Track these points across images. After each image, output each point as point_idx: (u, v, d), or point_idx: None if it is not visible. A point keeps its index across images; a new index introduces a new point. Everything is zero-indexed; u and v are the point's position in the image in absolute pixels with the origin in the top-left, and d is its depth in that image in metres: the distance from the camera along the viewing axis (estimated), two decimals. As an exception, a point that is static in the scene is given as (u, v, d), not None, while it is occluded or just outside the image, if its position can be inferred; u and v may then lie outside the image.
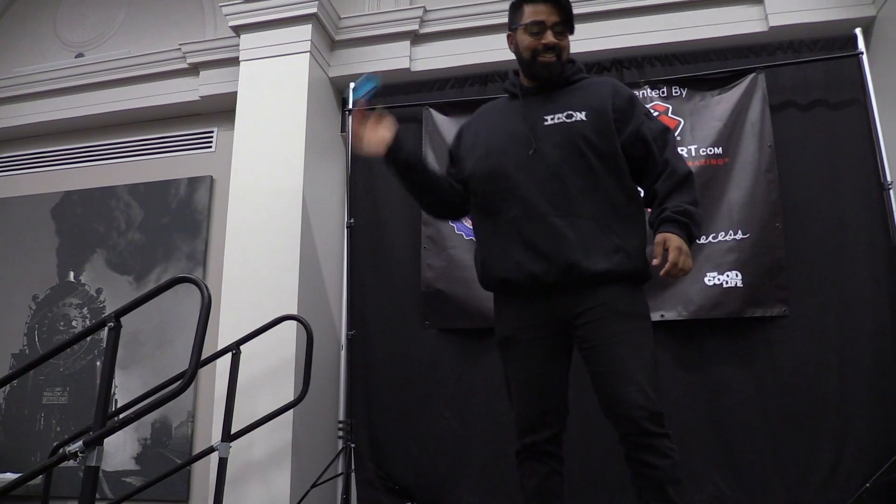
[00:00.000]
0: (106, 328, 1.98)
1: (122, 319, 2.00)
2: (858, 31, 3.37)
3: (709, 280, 3.23)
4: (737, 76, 3.41)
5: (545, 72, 1.90)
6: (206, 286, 1.94)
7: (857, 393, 3.10)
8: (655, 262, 1.75)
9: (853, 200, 3.28)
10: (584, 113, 1.85)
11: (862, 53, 3.32)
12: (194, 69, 4.23)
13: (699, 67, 3.50)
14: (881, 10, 3.46)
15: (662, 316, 3.19)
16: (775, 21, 3.56)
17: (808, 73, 3.43)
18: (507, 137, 1.91)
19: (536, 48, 1.88)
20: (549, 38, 1.88)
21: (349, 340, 3.49)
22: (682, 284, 3.21)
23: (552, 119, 1.87)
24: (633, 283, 1.84)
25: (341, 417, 3.44)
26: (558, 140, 1.84)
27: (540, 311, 1.81)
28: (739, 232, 3.25)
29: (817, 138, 3.37)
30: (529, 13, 1.90)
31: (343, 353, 3.50)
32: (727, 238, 3.25)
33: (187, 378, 1.80)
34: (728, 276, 3.22)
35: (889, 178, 3.17)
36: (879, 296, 3.16)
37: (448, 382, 3.43)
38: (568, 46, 1.93)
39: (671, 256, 1.71)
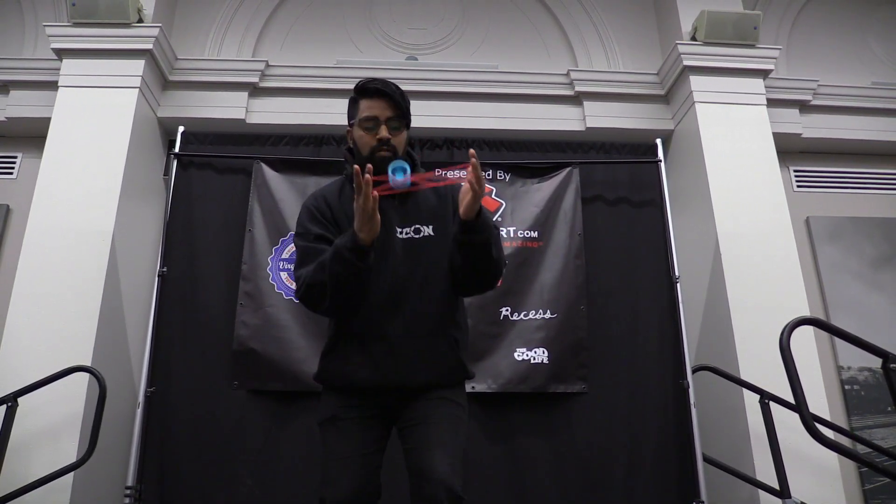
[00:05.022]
0: None
1: None
2: (659, 141, 3.99)
3: (518, 355, 3.55)
4: (555, 168, 3.89)
5: (382, 167, 1.90)
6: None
7: (642, 468, 3.52)
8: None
9: (647, 290, 3.80)
10: (431, 227, 1.96)
11: (661, 161, 3.93)
12: (4, 87, 4.06)
13: (522, 156, 3.95)
14: (678, 125, 4.14)
15: (473, 388, 3.43)
16: (592, 123, 4.15)
17: (616, 172, 4.00)
18: None
19: (373, 145, 1.94)
20: (384, 132, 1.94)
21: (148, 398, 3.40)
22: (493, 358, 3.53)
23: (403, 233, 1.95)
24: (461, 383, 2.04)
25: (130, 482, 3.30)
26: (408, 257, 1.93)
27: (369, 399, 1.92)
28: (548, 311, 3.62)
29: (620, 231, 3.90)
30: (364, 108, 1.97)
31: (139, 411, 3.38)
32: (536, 316, 3.61)
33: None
34: (535, 352, 3.57)
35: (677, 273, 3.71)
36: (665, 378, 3.64)
37: (253, 447, 3.43)
38: (403, 141, 2.00)
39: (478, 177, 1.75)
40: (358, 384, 1.91)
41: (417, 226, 1.96)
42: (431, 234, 1.96)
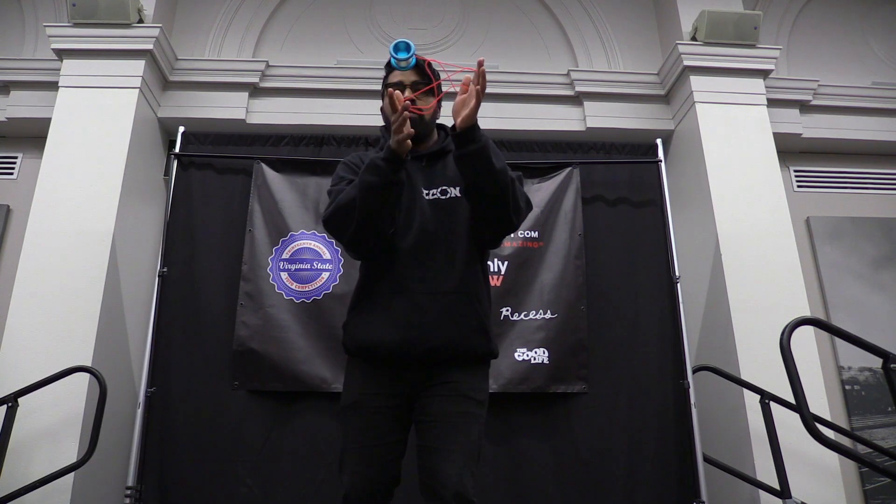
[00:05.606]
0: None
1: None
2: (659, 141, 4.00)
3: (518, 356, 3.55)
4: (555, 168, 3.89)
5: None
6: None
7: (642, 467, 3.52)
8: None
9: (647, 290, 3.80)
10: (458, 189, 1.96)
11: (661, 161, 3.93)
12: (4, 87, 4.06)
13: (523, 156, 3.96)
14: (678, 125, 4.14)
15: (474, 388, 3.43)
16: (592, 123, 4.15)
17: (617, 172, 4.00)
18: None
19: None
20: (409, 94, 1.96)
21: (148, 398, 3.40)
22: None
23: (429, 194, 1.97)
24: (484, 363, 2.01)
25: (130, 483, 3.30)
26: (434, 217, 1.94)
27: (391, 379, 1.90)
28: (549, 311, 3.62)
29: (620, 231, 3.90)
30: (392, 77, 2.04)
31: (140, 411, 3.38)
32: (537, 317, 3.60)
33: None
34: (536, 352, 3.56)
35: (678, 273, 3.71)
36: (665, 378, 3.64)
37: (253, 448, 3.43)
38: (432, 108, 2.00)
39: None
40: (379, 346, 1.89)
41: (444, 187, 1.98)
42: (458, 195, 1.96)
